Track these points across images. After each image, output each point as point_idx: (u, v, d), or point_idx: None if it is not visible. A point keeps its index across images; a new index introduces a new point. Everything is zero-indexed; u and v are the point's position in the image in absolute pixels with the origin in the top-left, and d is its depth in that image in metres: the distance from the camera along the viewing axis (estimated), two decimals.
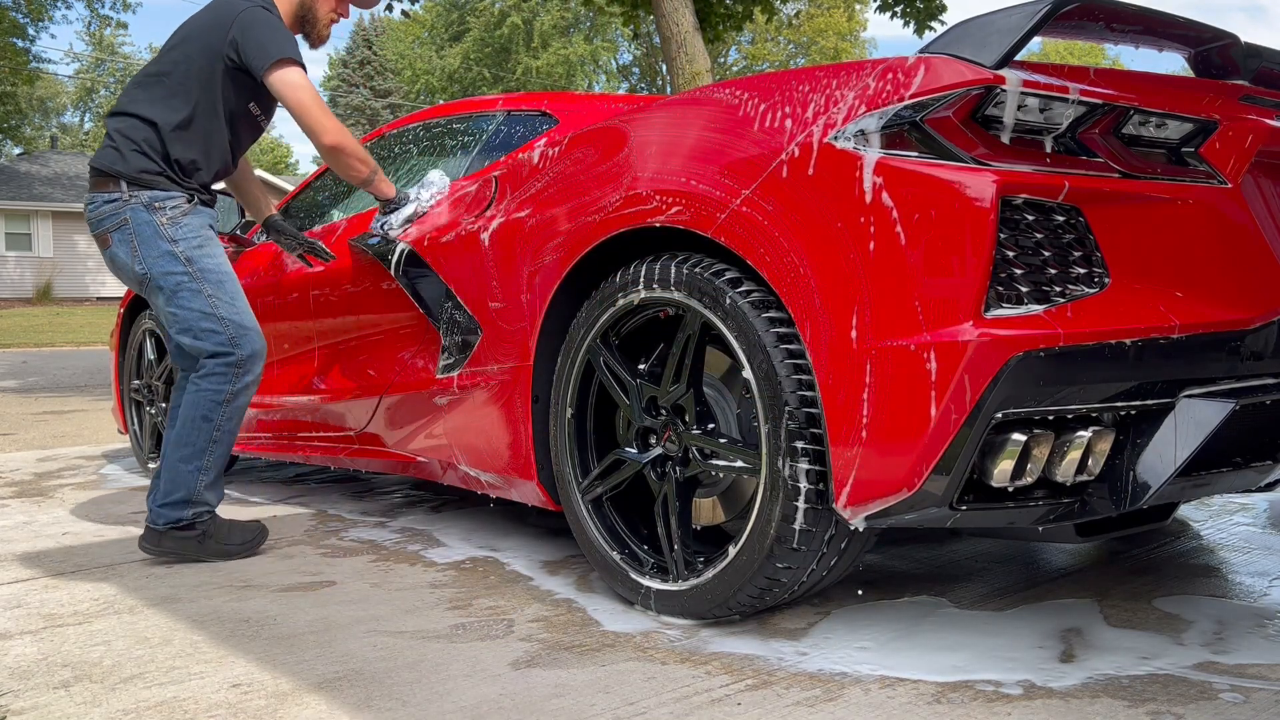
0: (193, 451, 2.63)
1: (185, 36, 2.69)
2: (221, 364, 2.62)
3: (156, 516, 2.63)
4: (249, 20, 2.61)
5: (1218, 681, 1.67)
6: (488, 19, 40.91)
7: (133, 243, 2.62)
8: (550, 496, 2.35)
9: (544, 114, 2.94)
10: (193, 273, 2.61)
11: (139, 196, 2.62)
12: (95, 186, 2.68)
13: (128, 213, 2.62)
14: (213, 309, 2.61)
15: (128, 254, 2.64)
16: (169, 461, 2.64)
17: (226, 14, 2.64)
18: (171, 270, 2.61)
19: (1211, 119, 1.78)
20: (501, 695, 1.69)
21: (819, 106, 1.77)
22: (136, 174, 2.62)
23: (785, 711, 1.60)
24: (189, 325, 2.62)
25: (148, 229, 2.61)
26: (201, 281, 2.62)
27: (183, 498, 2.63)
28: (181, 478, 2.63)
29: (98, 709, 1.70)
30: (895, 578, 2.31)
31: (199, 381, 2.63)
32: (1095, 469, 1.67)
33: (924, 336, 1.60)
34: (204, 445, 2.63)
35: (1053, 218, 1.63)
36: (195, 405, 2.62)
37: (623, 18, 10.80)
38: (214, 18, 2.67)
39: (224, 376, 2.62)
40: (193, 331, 2.62)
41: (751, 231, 1.81)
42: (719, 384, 2.11)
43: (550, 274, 2.24)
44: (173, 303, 2.62)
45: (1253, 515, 2.84)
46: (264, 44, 2.59)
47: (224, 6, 2.67)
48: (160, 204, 2.63)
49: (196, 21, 2.72)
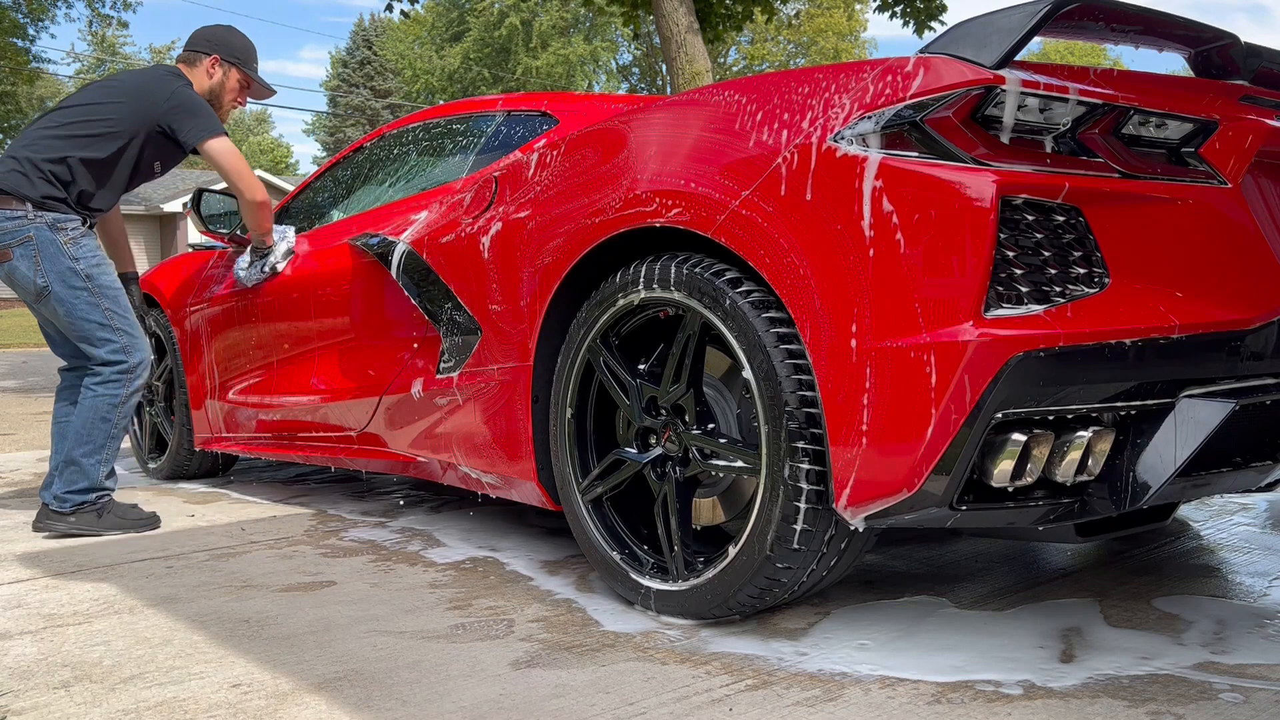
0: (94, 448, 3.01)
1: (122, 95, 3.06)
2: (116, 371, 3.01)
3: (63, 502, 2.99)
4: (183, 98, 3.07)
5: (1218, 681, 1.67)
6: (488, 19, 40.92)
7: (36, 257, 2.95)
8: (550, 496, 2.35)
9: (544, 114, 2.94)
10: (91, 288, 2.98)
11: (43, 217, 2.96)
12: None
13: (32, 230, 2.95)
14: (109, 320, 2.99)
15: (29, 267, 2.95)
16: (72, 457, 3.01)
17: (161, 88, 3.08)
18: (73, 285, 2.97)
19: (1211, 119, 1.78)
20: (501, 695, 1.69)
21: (819, 107, 1.77)
22: (41, 199, 2.96)
23: (785, 711, 1.60)
24: (87, 334, 3.00)
25: (51, 246, 2.96)
26: (99, 296, 2.99)
27: (87, 486, 3.01)
28: (85, 470, 3.00)
29: (98, 709, 1.70)
30: (895, 578, 2.31)
31: (96, 388, 3.01)
32: (1095, 469, 1.67)
33: (924, 336, 1.60)
34: (103, 441, 3.02)
35: (1053, 218, 1.63)
36: (95, 409, 3.00)
37: (623, 18, 10.80)
38: (148, 86, 3.08)
39: (118, 383, 3.01)
40: (90, 340, 3.00)
41: (751, 232, 1.81)
42: (719, 384, 2.11)
43: (550, 274, 2.24)
44: (72, 314, 2.98)
45: (1253, 515, 2.84)
46: (198, 119, 3.07)
47: (158, 80, 3.11)
48: (62, 225, 2.98)
49: (131, 85, 3.11)
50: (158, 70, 3.17)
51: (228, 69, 3.23)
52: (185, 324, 3.85)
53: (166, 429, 4.05)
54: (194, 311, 3.82)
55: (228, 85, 3.25)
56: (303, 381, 3.29)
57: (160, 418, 4.09)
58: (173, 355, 3.92)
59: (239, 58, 3.24)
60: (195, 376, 3.81)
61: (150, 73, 3.17)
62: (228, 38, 3.26)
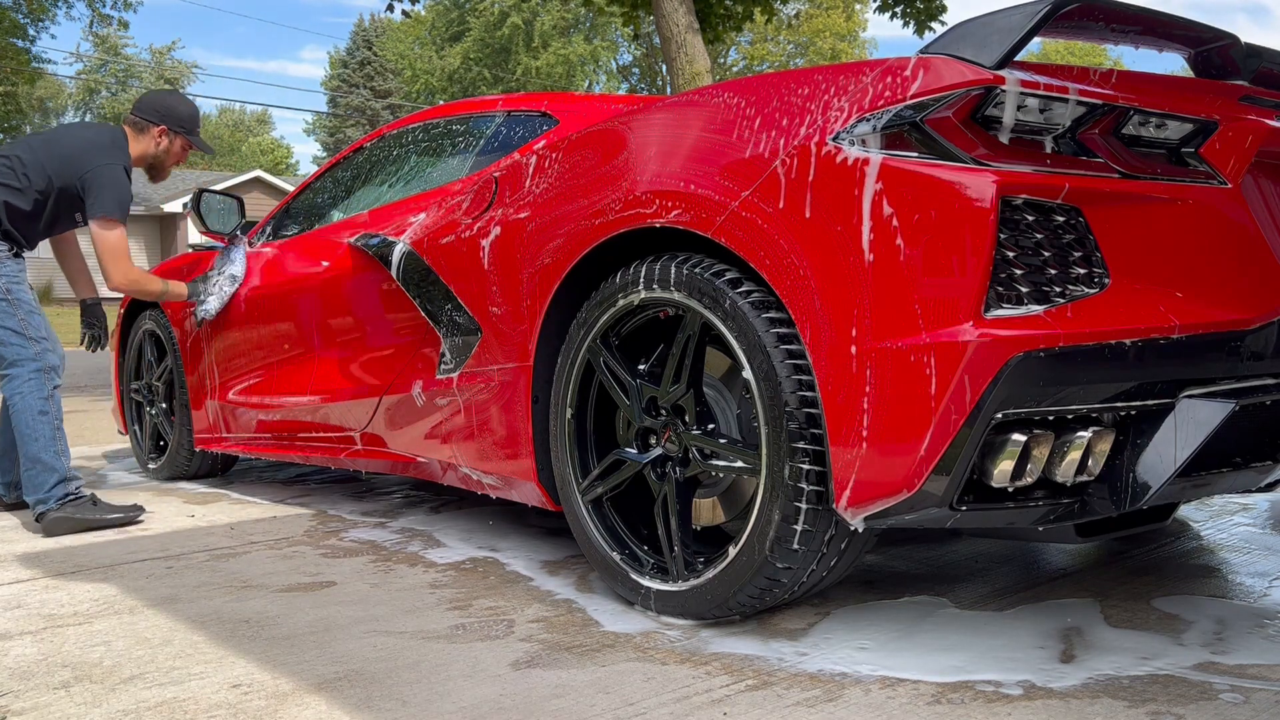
0: (46, 440, 3.13)
1: (53, 157, 3.25)
2: (32, 370, 3.17)
3: (47, 500, 3.08)
4: (101, 175, 3.24)
5: (1218, 681, 1.67)
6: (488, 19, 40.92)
7: None
8: (550, 496, 2.35)
9: (544, 114, 2.94)
10: (10, 300, 3.18)
11: None
12: None
13: None
14: (23, 330, 3.18)
15: None
16: (30, 455, 3.12)
17: (90, 156, 3.25)
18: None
19: (1211, 119, 1.78)
20: (501, 695, 1.69)
21: (819, 107, 1.77)
22: None
23: (785, 712, 1.60)
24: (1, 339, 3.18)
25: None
26: (15, 308, 3.18)
27: (58, 479, 3.10)
28: (48, 463, 3.11)
29: (98, 709, 1.70)
30: (895, 578, 2.31)
31: (21, 388, 3.16)
32: (1095, 469, 1.67)
33: (924, 337, 1.60)
34: (51, 433, 3.15)
35: (1053, 218, 1.63)
36: (28, 408, 3.14)
37: (623, 18, 10.80)
38: (80, 151, 3.26)
39: (36, 380, 3.16)
40: (2, 343, 3.17)
41: (751, 232, 1.81)
42: (719, 384, 2.11)
43: (550, 275, 2.24)
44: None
45: (1253, 515, 2.84)
46: (101, 198, 3.23)
47: (91, 146, 3.28)
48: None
49: (69, 143, 3.29)
50: (103, 139, 3.32)
51: (174, 138, 3.46)
52: (185, 324, 3.85)
53: (166, 429, 4.05)
54: (194, 312, 3.81)
55: (171, 151, 3.48)
56: (303, 382, 3.29)
57: (160, 418, 4.09)
58: (173, 355, 3.92)
59: (185, 127, 3.47)
60: (195, 377, 3.81)
61: (90, 140, 3.31)
62: (175, 107, 3.48)
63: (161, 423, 4.09)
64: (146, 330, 4.11)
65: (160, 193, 28.51)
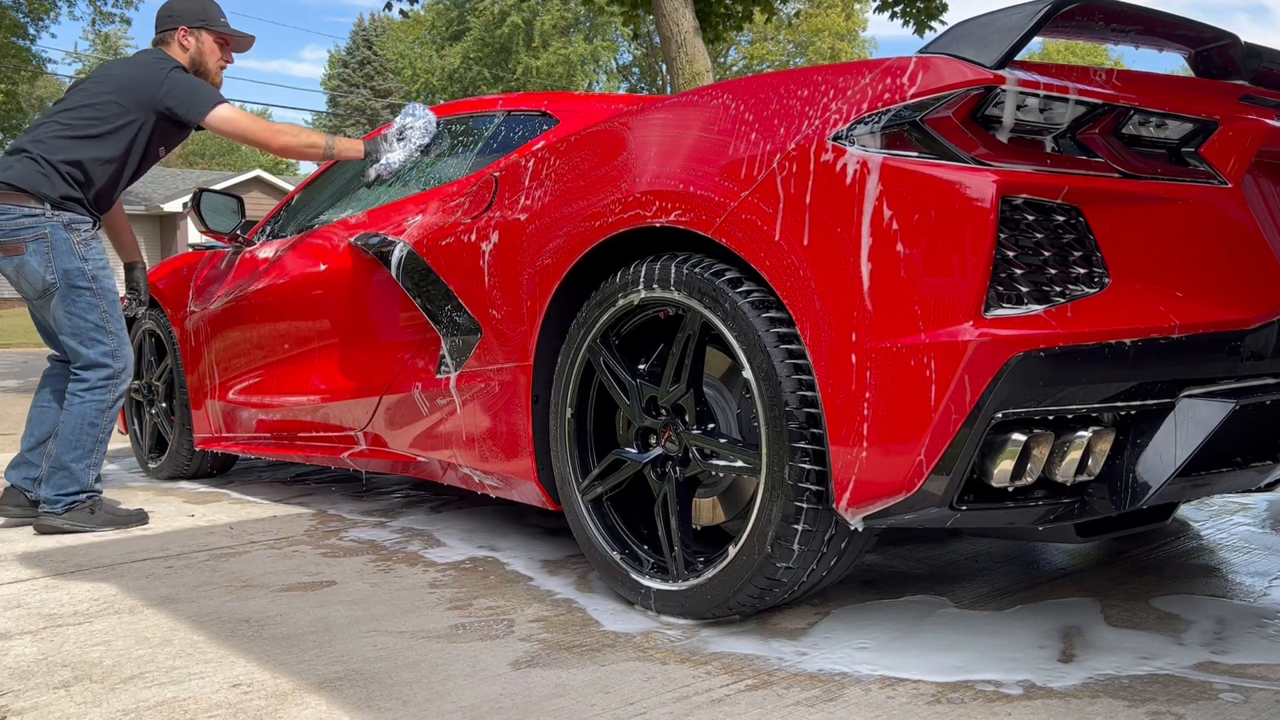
0: (83, 453, 3.07)
1: (118, 87, 3.12)
2: (102, 377, 3.07)
3: (55, 503, 3.05)
4: (176, 80, 3.14)
5: (1218, 681, 1.67)
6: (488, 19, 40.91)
7: (49, 254, 3.01)
8: (550, 496, 2.35)
9: (544, 114, 2.94)
10: (95, 289, 3.06)
11: (60, 216, 3.03)
12: (11, 199, 3.00)
13: (48, 228, 3.01)
14: (104, 323, 3.07)
15: (40, 263, 3.01)
16: (61, 461, 3.06)
17: (154, 74, 3.14)
18: (78, 284, 3.04)
19: (1211, 119, 1.78)
20: (501, 695, 1.69)
21: (819, 107, 1.77)
22: (59, 198, 3.03)
23: (785, 711, 1.60)
24: (81, 332, 3.06)
25: (64, 245, 3.03)
26: (100, 298, 3.06)
27: (77, 490, 3.07)
28: (75, 474, 3.06)
29: (98, 709, 1.70)
30: (895, 578, 2.31)
31: (84, 394, 3.06)
32: (1095, 469, 1.67)
33: (924, 337, 1.60)
34: (91, 446, 3.08)
35: (1053, 218, 1.63)
36: (82, 415, 3.06)
37: (623, 18, 10.80)
38: (142, 74, 3.15)
39: (104, 389, 3.08)
40: (82, 338, 3.06)
41: (751, 232, 1.81)
42: (719, 384, 2.11)
43: (550, 274, 2.24)
44: (71, 310, 3.05)
45: (1253, 515, 2.84)
46: (194, 97, 3.14)
47: (150, 66, 3.17)
48: (76, 225, 3.06)
49: (124, 75, 3.16)
50: (146, 57, 3.23)
51: (199, 34, 3.26)
52: (185, 324, 3.85)
53: (166, 429, 4.05)
54: (194, 311, 3.82)
55: (205, 50, 3.28)
56: (303, 381, 3.29)
57: (160, 418, 4.09)
58: (173, 355, 3.92)
59: (203, 19, 3.27)
60: (195, 376, 3.81)
61: (140, 62, 3.22)
62: (185, 5, 3.28)
63: (161, 422, 4.09)
64: (146, 330, 4.11)
65: (160, 192, 28.51)
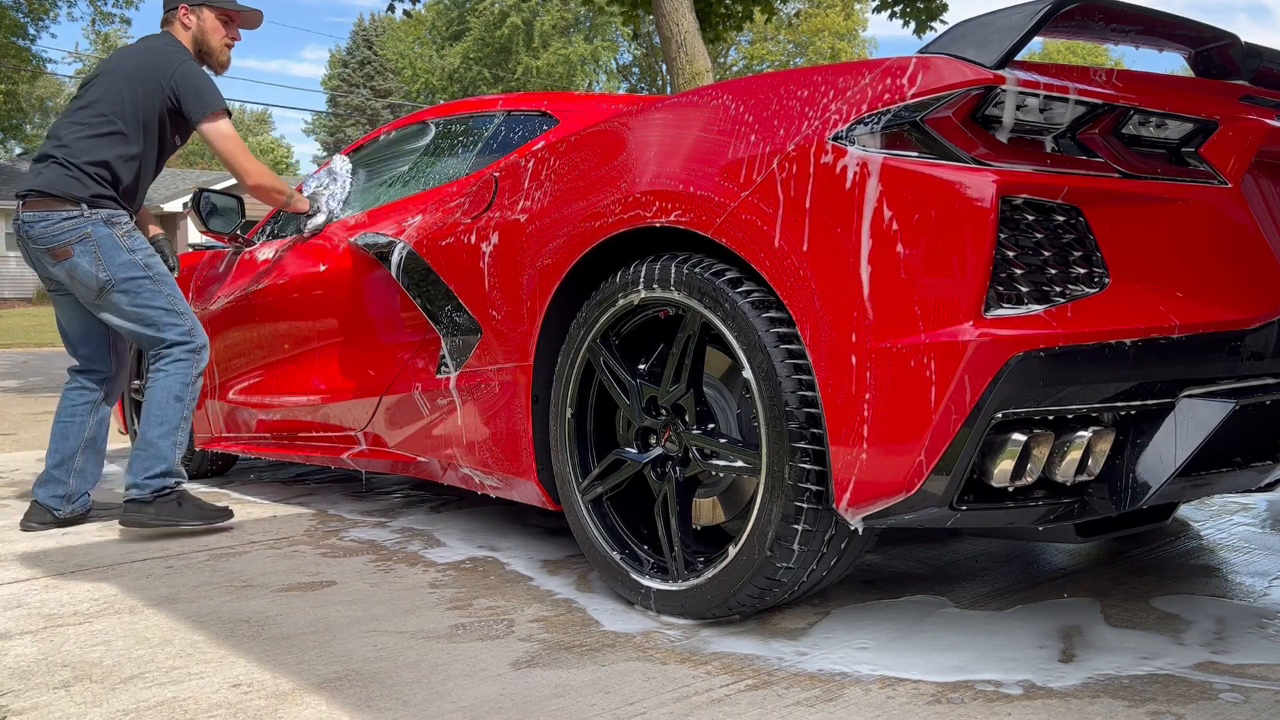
0: (169, 428, 3.00)
1: (127, 78, 3.06)
2: (184, 350, 3.03)
3: (143, 488, 2.96)
4: (185, 73, 3.07)
5: (1218, 681, 1.67)
6: (488, 19, 40.92)
7: (96, 252, 2.98)
8: (550, 496, 2.35)
9: (544, 114, 2.94)
10: (152, 276, 3.03)
11: (98, 214, 3.00)
12: (47, 205, 2.98)
13: (89, 227, 2.98)
14: (173, 305, 3.04)
15: (91, 262, 2.98)
16: (148, 439, 2.99)
17: (163, 64, 3.07)
18: (133, 275, 3.00)
19: (1211, 119, 1.78)
20: (501, 695, 1.69)
21: (819, 107, 1.77)
22: (92, 198, 3.00)
23: (785, 711, 1.60)
24: (153, 320, 3.02)
25: (109, 241, 2.99)
26: (160, 283, 3.04)
27: (164, 470, 2.99)
28: (162, 451, 2.99)
29: (98, 709, 1.70)
30: (895, 578, 2.31)
31: (168, 368, 3.01)
32: (1095, 469, 1.67)
33: (924, 337, 1.59)
34: (177, 422, 3.02)
35: (1053, 218, 1.63)
36: (167, 388, 3.00)
37: (623, 18, 10.80)
38: (149, 61, 3.08)
39: (188, 362, 3.03)
40: (156, 325, 3.02)
41: (751, 232, 1.81)
42: (719, 384, 2.11)
43: (550, 274, 2.24)
44: (135, 302, 3.01)
45: (1253, 515, 2.84)
46: (201, 96, 3.07)
47: (158, 53, 3.11)
48: (115, 220, 3.03)
49: (132, 64, 3.09)
50: (154, 43, 3.15)
51: (199, 11, 3.16)
52: None
53: None
54: (195, 311, 3.81)
55: (207, 28, 3.18)
56: (303, 382, 3.29)
57: None
58: None
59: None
60: None
61: (147, 48, 3.14)
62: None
63: None
64: None
65: (160, 192, 28.51)
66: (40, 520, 3.09)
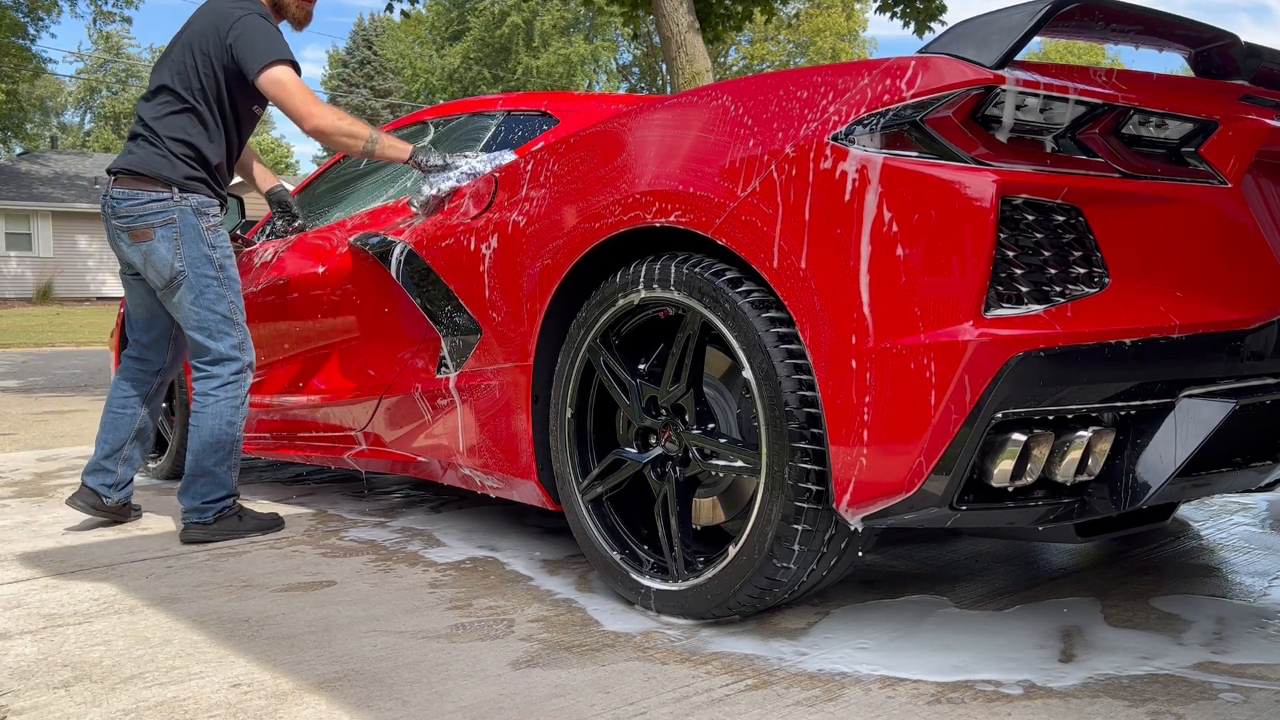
0: (224, 454, 2.93)
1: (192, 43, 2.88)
2: (233, 371, 2.91)
3: (204, 512, 2.91)
4: (241, 28, 2.83)
5: (1218, 681, 1.67)
6: (488, 19, 40.91)
7: (177, 240, 2.85)
8: (550, 496, 2.35)
9: (544, 114, 2.94)
10: (223, 279, 2.90)
11: (188, 200, 2.87)
12: (137, 184, 2.86)
13: (176, 213, 2.86)
14: (232, 315, 2.91)
15: (169, 249, 2.85)
16: (205, 466, 2.90)
17: (223, 20, 2.86)
18: (206, 273, 2.87)
19: (1211, 119, 1.78)
20: (501, 695, 1.69)
21: (818, 107, 1.77)
22: (184, 180, 2.87)
23: (785, 711, 1.60)
24: (209, 325, 2.88)
25: (193, 231, 2.87)
26: (227, 288, 2.91)
27: (224, 494, 2.95)
28: (220, 478, 2.93)
29: (98, 709, 1.70)
30: (895, 578, 2.31)
31: (217, 393, 2.89)
32: (1095, 469, 1.67)
33: (924, 337, 1.60)
34: (231, 447, 2.94)
35: (1053, 218, 1.63)
36: (219, 415, 2.90)
37: (623, 18, 10.79)
38: (211, 21, 2.88)
39: (235, 384, 2.91)
40: (211, 331, 2.88)
41: (751, 233, 1.81)
42: (719, 384, 2.11)
43: (550, 274, 2.24)
44: (199, 301, 2.87)
45: (1253, 515, 2.84)
46: (254, 49, 2.82)
47: (219, 13, 2.88)
48: (205, 210, 2.90)
49: (197, 27, 2.90)
50: (221, 2, 2.91)
51: None
52: None
53: (166, 429, 4.05)
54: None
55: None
56: (303, 381, 3.29)
57: (160, 417, 4.09)
58: None
59: None
60: None
61: (213, 8, 2.91)
62: None
63: (161, 422, 4.08)
64: None
65: None
66: (89, 503, 3.04)
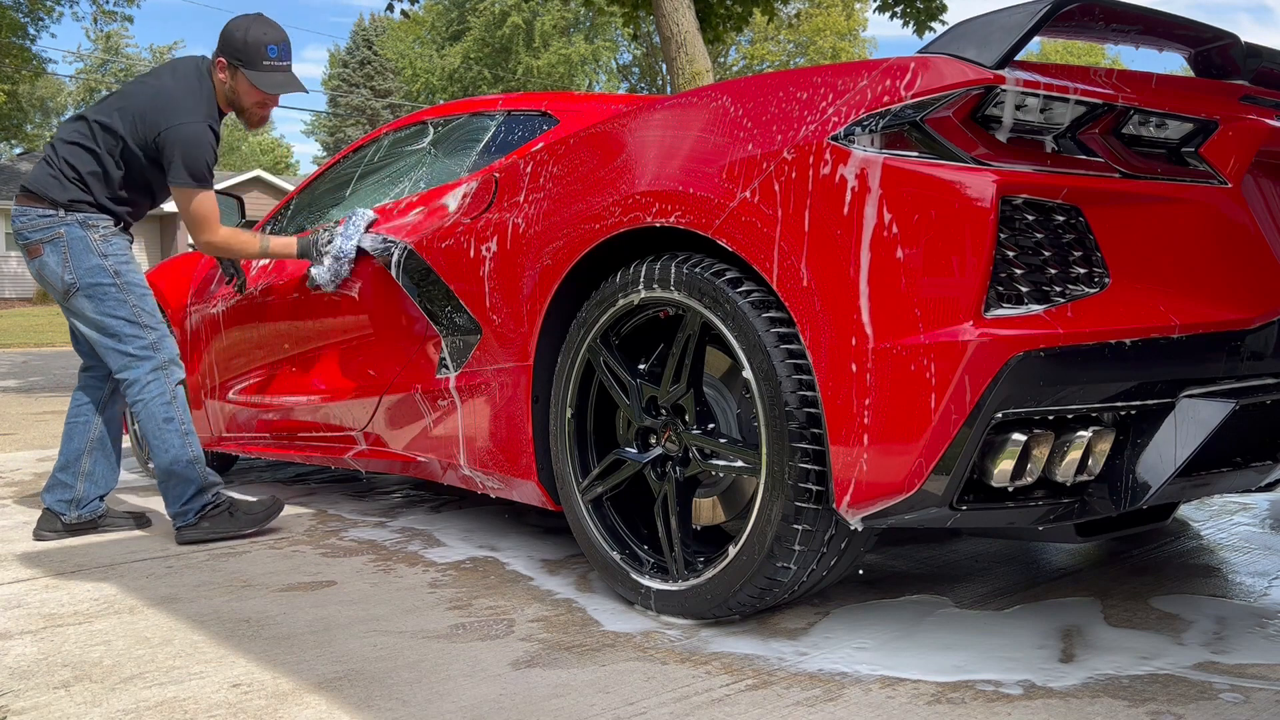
0: (175, 449, 2.90)
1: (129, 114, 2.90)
2: (148, 370, 2.91)
3: (186, 515, 2.91)
4: (176, 137, 2.85)
5: (1218, 681, 1.67)
6: (488, 19, 40.92)
7: (65, 253, 2.89)
8: (550, 496, 2.35)
9: (544, 114, 2.94)
10: (120, 284, 2.91)
11: (74, 216, 2.90)
12: (27, 202, 2.93)
13: (62, 228, 2.89)
14: (135, 318, 2.91)
15: (58, 263, 2.89)
16: (162, 468, 2.91)
17: (163, 119, 2.86)
18: (100, 281, 2.89)
19: (1211, 119, 1.78)
20: (501, 695, 1.69)
21: (818, 107, 1.77)
22: (68, 202, 2.90)
23: (785, 711, 1.60)
24: (115, 329, 2.90)
25: (80, 244, 2.89)
26: (127, 293, 2.91)
27: (196, 489, 2.92)
28: (183, 475, 2.90)
29: (98, 709, 1.70)
30: (895, 578, 2.31)
31: (143, 395, 2.90)
32: (1095, 469, 1.67)
33: (924, 337, 1.60)
34: (180, 440, 2.91)
35: (1053, 218, 1.63)
36: (151, 416, 2.90)
37: (623, 18, 10.79)
38: (157, 108, 2.87)
39: (157, 381, 2.91)
40: (118, 335, 2.90)
41: (751, 233, 1.81)
42: (719, 384, 2.11)
43: (550, 274, 2.24)
44: (99, 309, 2.90)
45: (1253, 515, 2.84)
46: (175, 164, 2.87)
47: (166, 107, 2.88)
48: (92, 223, 2.92)
49: (142, 102, 2.90)
50: (175, 88, 2.91)
51: (234, 73, 2.94)
52: (186, 324, 3.85)
53: None
54: (194, 311, 3.82)
55: (239, 90, 2.96)
56: (303, 381, 3.29)
57: None
58: None
59: (240, 59, 2.91)
60: (195, 376, 3.81)
61: (158, 93, 2.92)
62: (231, 34, 2.93)
63: None
64: None
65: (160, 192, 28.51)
66: (50, 528, 3.00)
